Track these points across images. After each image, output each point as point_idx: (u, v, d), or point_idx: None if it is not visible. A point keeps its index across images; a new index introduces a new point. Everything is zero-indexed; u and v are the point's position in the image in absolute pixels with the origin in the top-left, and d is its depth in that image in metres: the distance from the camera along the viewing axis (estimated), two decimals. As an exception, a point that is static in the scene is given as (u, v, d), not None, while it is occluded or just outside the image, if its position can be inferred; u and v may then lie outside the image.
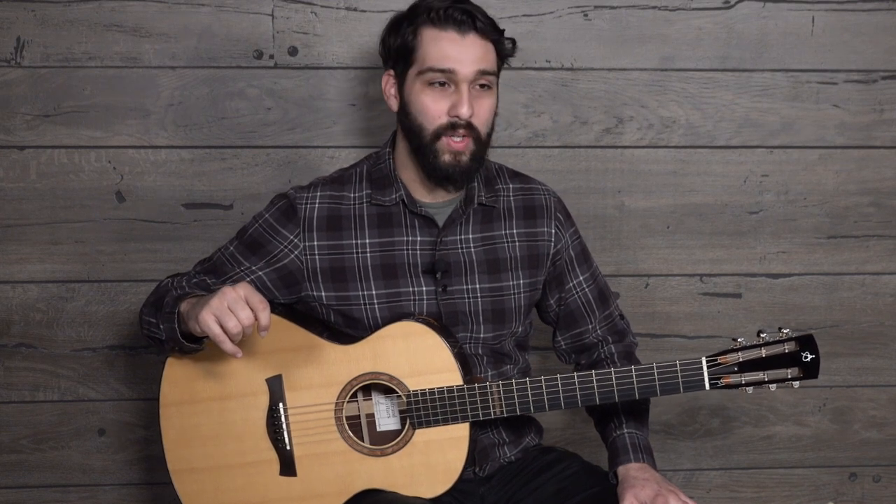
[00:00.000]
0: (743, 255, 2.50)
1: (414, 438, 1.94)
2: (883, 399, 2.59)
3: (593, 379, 1.91)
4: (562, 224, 2.10)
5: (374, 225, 2.00)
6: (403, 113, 1.96)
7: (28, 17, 2.29)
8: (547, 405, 1.92)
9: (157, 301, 1.99)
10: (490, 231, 2.05)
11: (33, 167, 2.35)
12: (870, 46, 2.42)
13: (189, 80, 2.34)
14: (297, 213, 1.99)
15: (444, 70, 1.90)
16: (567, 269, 2.11)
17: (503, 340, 2.05)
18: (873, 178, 2.49)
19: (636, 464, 1.96)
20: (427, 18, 1.91)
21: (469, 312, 2.02)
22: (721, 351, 1.88)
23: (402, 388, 1.93)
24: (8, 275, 2.39)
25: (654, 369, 1.90)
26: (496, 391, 1.92)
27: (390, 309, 1.98)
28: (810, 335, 1.87)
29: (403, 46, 1.93)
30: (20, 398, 2.44)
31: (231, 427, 1.98)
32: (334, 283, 1.98)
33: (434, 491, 1.94)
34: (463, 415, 1.93)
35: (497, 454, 2.05)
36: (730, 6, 2.39)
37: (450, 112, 1.91)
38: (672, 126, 2.43)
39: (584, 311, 2.13)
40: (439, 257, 2.00)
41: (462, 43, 1.90)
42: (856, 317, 2.54)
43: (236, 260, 2.02)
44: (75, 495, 2.48)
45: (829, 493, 2.62)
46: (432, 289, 1.99)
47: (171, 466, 2.01)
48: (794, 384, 1.88)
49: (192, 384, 1.99)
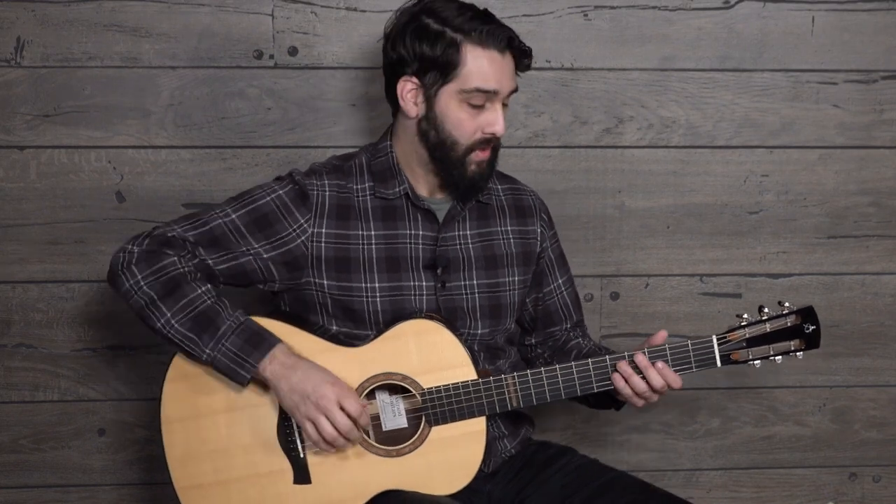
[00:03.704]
0: (743, 255, 2.50)
1: (431, 436, 1.93)
2: (883, 399, 2.59)
3: (607, 362, 1.93)
4: (546, 225, 2.15)
5: (378, 217, 2.00)
6: (429, 123, 1.95)
7: (28, 17, 2.29)
8: (563, 392, 1.94)
9: (173, 291, 1.90)
10: (487, 227, 2.07)
11: (33, 167, 2.35)
12: (870, 46, 2.42)
13: (189, 80, 2.34)
14: (309, 198, 1.97)
15: (489, 91, 1.91)
16: (548, 270, 2.15)
17: (496, 336, 2.06)
18: (873, 178, 2.49)
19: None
20: (469, 35, 1.90)
21: (467, 308, 2.03)
22: (729, 328, 1.93)
23: (415, 386, 1.93)
24: (8, 275, 2.39)
25: (667, 349, 1.93)
26: (511, 383, 1.93)
27: (392, 302, 1.98)
28: (810, 307, 1.93)
29: (443, 60, 1.90)
30: (20, 398, 2.43)
31: (240, 439, 1.94)
32: (338, 272, 1.98)
33: (453, 487, 1.94)
34: (479, 409, 1.93)
35: (499, 448, 2.06)
36: (730, 6, 2.39)
37: (484, 129, 1.94)
38: (672, 126, 2.43)
39: (562, 313, 2.18)
40: (440, 253, 2.01)
41: (502, 62, 1.92)
42: (856, 317, 2.54)
43: (241, 234, 1.97)
44: (75, 495, 2.48)
45: (829, 493, 2.62)
46: (432, 284, 2.00)
47: (177, 485, 1.96)
48: (798, 355, 1.94)
49: (195, 398, 1.95)
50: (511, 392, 1.94)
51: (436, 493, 1.93)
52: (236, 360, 1.88)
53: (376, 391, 1.95)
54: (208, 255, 1.97)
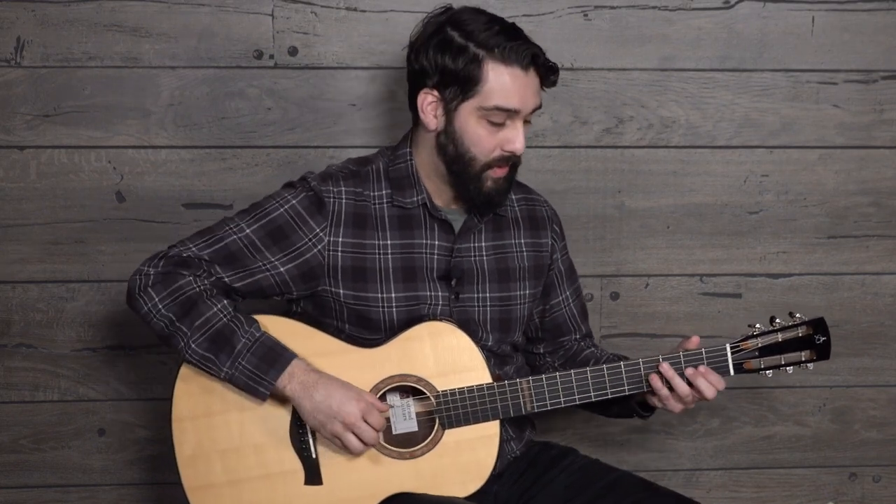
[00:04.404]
0: (743, 255, 2.50)
1: (444, 439, 1.93)
2: (883, 399, 2.59)
3: (622, 369, 1.94)
4: (557, 236, 2.15)
5: (395, 226, 1.98)
6: (447, 137, 1.93)
7: (28, 17, 2.29)
8: (577, 397, 1.94)
9: (189, 311, 1.90)
10: (501, 240, 2.06)
11: (33, 167, 2.35)
12: (870, 46, 2.42)
13: (189, 80, 2.34)
14: (325, 205, 1.95)
15: (510, 110, 1.89)
16: (556, 282, 2.15)
17: (503, 346, 2.06)
18: (873, 178, 2.49)
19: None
20: (492, 51, 1.87)
21: (478, 320, 2.02)
22: (742, 337, 1.95)
23: (430, 388, 1.92)
24: (8, 275, 2.39)
25: (681, 357, 1.93)
26: (526, 387, 1.94)
27: (408, 312, 1.97)
28: (821, 318, 1.96)
29: (465, 75, 1.88)
30: (20, 398, 2.43)
31: (251, 438, 1.93)
32: (354, 281, 1.96)
33: (466, 490, 1.93)
34: (494, 412, 1.93)
35: (506, 450, 2.06)
36: (730, 6, 2.39)
37: (504, 146, 1.92)
38: (672, 126, 2.43)
39: (571, 324, 2.18)
40: (454, 264, 2.00)
41: (525, 80, 1.89)
42: (856, 317, 2.54)
43: (256, 249, 1.95)
44: (75, 495, 2.48)
45: (829, 493, 2.62)
46: (447, 294, 2.00)
47: (186, 484, 1.95)
48: (809, 366, 1.97)
49: (207, 397, 1.94)
50: (526, 396, 1.94)
51: (448, 496, 1.93)
52: (254, 377, 1.88)
53: (387, 393, 1.95)
54: (225, 273, 1.96)
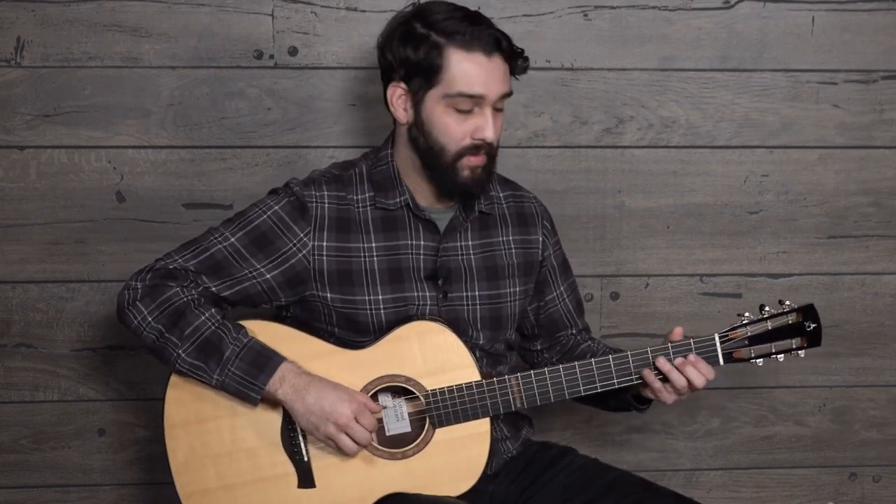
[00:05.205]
0: (743, 255, 2.50)
1: (435, 438, 1.93)
2: (883, 399, 2.59)
3: (611, 363, 1.93)
4: (548, 232, 2.14)
5: (379, 228, 1.98)
6: (418, 129, 1.93)
7: (28, 17, 2.29)
8: (567, 393, 1.94)
9: (177, 321, 1.90)
10: (488, 238, 2.05)
11: (33, 167, 2.35)
12: (870, 46, 2.42)
13: (189, 80, 2.34)
14: (308, 210, 1.95)
15: (474, 96, 1.88)
16: (550, 278, 2.14)
17: (496, 344, 2.06)
18: (873, 178, 2.49)
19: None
20: (452, 38, 1.86)
21: (468, 319, 2.02)
22: (731, 326, 1.94)
23: (419, 388, 1.92)
24: (8, 275, 2.39)
25: (670, 348, 1.93)
26: (515, 383, 1.93)
27: (396, 313, 1.97)
28: (811, 305, 1.94)
29: (426, 65, 1.88)
30: (20, 398, 2.43)
31: (243, 443, 1.94)
32: (341, 285, 1.96)
33: (458, 489, 1.93)
34: (483, 410, 1.93)
35: (501, 449, 2.06)
36: (730, 6, 2.39)
37: (474, 135, 1.90)
38: (672, 126, 2.43)
39: (567, 320, 2.17)
40: (441, 264, 2.00)
41: (488, 66, 1.88)
42: (855, 317, 2.54)
43: (242, 257, 1.95)
44: (75, 495, 2.48)
45: (829, 493, 2.62)
46: (434, 294, 1.99)
47: (181, 490, 1.95)
48: (800, 353, 1.95)
49: (198, 404, 1.94)
50: (515, 392, 1.93)
51: (441, 495, 1.93)
52: (244, 383, 1.88)
53: (379, 394, 1.95)
54: (212, 283, 1.96)
